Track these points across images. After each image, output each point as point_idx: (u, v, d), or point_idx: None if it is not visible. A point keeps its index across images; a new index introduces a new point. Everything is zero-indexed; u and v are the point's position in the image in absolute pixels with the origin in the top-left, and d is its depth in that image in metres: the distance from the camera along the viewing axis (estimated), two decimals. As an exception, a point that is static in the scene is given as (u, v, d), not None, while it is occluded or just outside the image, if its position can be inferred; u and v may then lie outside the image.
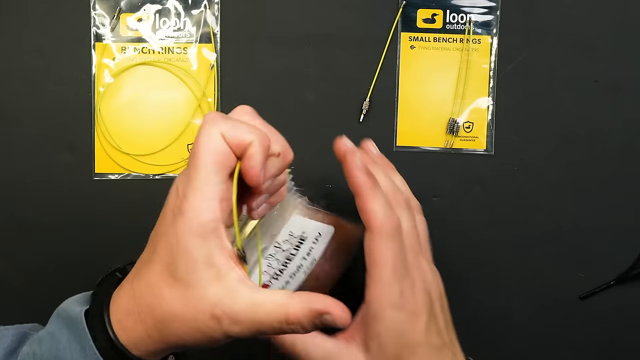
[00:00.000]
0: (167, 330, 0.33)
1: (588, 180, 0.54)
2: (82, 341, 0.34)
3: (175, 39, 0.54)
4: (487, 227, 0.54)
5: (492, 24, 0.54)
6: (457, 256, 0.54)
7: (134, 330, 0.34)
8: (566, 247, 0.54)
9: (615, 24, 0.54)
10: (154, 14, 0.54)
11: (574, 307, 0.54)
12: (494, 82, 0.54)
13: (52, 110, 0.54)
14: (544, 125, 0.54)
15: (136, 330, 0.34)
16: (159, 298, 0.33)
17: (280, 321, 0.33)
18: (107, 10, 0.54)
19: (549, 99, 0.54)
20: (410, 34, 0.54)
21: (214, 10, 0.54)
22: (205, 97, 0.54)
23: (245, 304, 0.32)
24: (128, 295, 0.35)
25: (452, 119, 0.54)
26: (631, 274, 0.53)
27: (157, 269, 0.33)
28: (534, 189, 0.54)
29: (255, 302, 0.33)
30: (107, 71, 0.54)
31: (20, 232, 0.54)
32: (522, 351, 0.54)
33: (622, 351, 0.54)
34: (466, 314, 0.54)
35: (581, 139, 0.54)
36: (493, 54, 0.54)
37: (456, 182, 0.54)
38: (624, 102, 0.54)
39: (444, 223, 0.54)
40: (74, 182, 0.54)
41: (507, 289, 0.54)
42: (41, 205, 0.54)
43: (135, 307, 0.34)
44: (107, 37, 0.54)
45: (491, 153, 0.54)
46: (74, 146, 0.54)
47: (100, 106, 0.54)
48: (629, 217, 0.54)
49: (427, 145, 0.54)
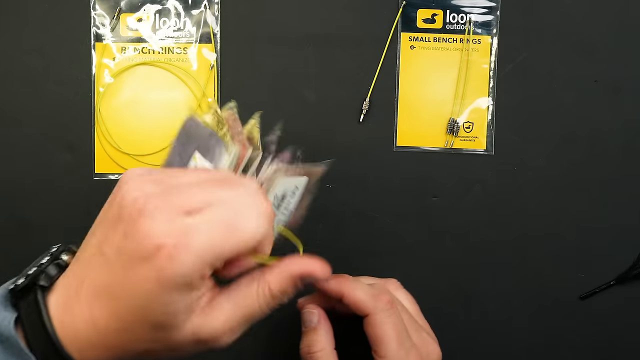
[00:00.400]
0: (138, 358, 0.32)
1: (588, 181, 0.54)
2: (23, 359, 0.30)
3: (175, 39, 0.54)
4: (487, 227, 0.54)
5: (492, 24, 0.54)
6: (457, 256, 0.55)
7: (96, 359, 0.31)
8: (566, 247, 0.54)
9: (615, 24, 0.54)
10: (154, 14, 0.54)
11: (574, 307, 0.54)
12: (494, 82, 0.54)
13: (52, 110, 0.54)
14: (544, 125, 0.54)
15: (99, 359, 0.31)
16: (130, 335, 0.31)
17: (266, 301, 0.33)
18: (107, 10, 0.54)
19: (549, 99, 0.54)
20: (410, 34, 0.54)
21: (214, 10, 0.54)
22: (205, 97, 0.54)
23: (226, 312, 0.32)
24: (83, 319, 0.31)
25: (452, 119, 0.54)
26: (631, 274, 0.53)
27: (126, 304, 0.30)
28: (534, 189, 0.54)
29: (235, 303, 0.33)
30: (107, 71, 0.54)
31: (20, 232, 0.54)
32: (523, 351, 0.54)
33: (622, 351, 0.54)
34: (466, 314, 0.54)
35: (581, 139, 0.54)
36: (493, 54, 0.54)
37: (456, 182, 0.54)
38: (624, 102, 0.54)
39: (444, 223, 0.54)
40: (74, 182, 0.54)
41: (507, 289, 0.54)
42: (41, 205, 0.54)
43: (98, 339, 0.31)
44: (107, 37, 0.54)
45: (491, 153, 0.54)
46: (74, 146, 0.54)
47: (100, 106, 0.54)
48: (629, 217, 0.54)
49: (427, 145, 0.54)
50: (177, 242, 0.29)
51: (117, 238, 0.30)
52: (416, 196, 0.54)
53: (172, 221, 0.29)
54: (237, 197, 0.31)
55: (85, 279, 0.31)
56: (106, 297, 0.30)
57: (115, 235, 0.30)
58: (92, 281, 0.31)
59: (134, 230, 0.29)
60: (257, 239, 0.31)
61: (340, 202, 0.54)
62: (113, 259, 0.30)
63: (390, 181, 0.54)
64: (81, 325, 0.31)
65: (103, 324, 0.31)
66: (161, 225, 0.29)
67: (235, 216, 0.31)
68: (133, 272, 0.29)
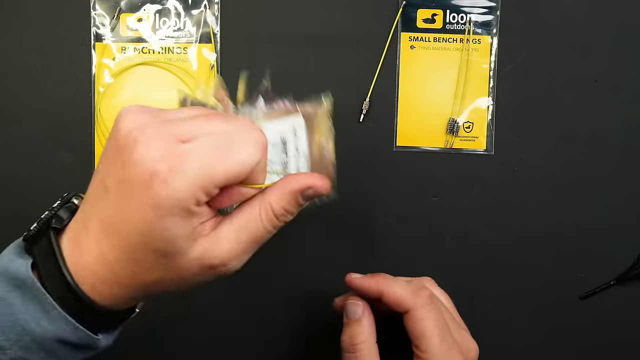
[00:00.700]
0: (151, 290, 0.33)
1: (588, 181, 0.54)
2: (41, 301, 0.31)
3: (175, 39, 0.54)
4: (487, 227, 0.54)
5: (492, 24, 0.54)
6: (457, 256, 0.55)
7: (110, 294, 0.32)
8: (566, 247, 0.54)
9: (615, 24, 0.54)
10: (154, 14, 0.54)
11: (574, 307, 0.54)
12: (494, 82, 0.54)
13: (52, 110, 0.54)
14: (544, 125, 0.54)
15: (112, 294, 0.32)
16: (137, 265, 0.31)
17: (270, 221, 0.34)
18: (107, 10, 0.54)
19: (549, 99, 0.54)
20: (410, 34, 0.54)
21: (214, 10, 0.54)
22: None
23: (231, 237, 0.33)
24: (93, 255, 0.32)
25: (452, 119, 0.54)
26: (631, 274, 0.53)
27: (129, 234, 0.31)
28: (534, 189, 0.54)
29: (239, 227, 0.33)
30: (107, 71, 0.54)
31: (19, 232, 0.54)
32: (523, 351, 0.54)
33: (622, 351, 0.54)
34: (466, 314, 0.54)
35: (581, 139, 0.54)
36: (493, 54, 0.54)
37: (456, 182, 0.54)
38: (624, 102, 0.54)
39: (444, 223, 0.54)
40: (74, 182, 0.54)
41: (507, 288, 0.54)
42: (41, 205, 0.54)
43: (109, 273, 0.32)
44: (107, 37, 0.54)
45: (491, 153, 0.54)
46: (74, 146, 0.54)
47: (100, 106, 0.54)
48: (629, 217, 0.54)
49: (427, 145, 0.54)
50: (171, 166, 0.30)
51: (117, 170, 0.31)
52: (416, 196, 0.54)
53: (166, 148, 0.30)
54: (232, 127, 0.32)
55: (92, 215, 0.32)
56: (111, 230, 0.31)
57: (115, 168, 0.31)
58: (99, 216, 0.32)
59: (131, 160, 0.30)
60: (250, 164, 0.32)
61: (340, 202, 0.54)
62: (114, 191, 0.31)
63: (390, 181, 0.54)
64: (91, 261, 0.32)
65: (111, 257, 0.31)
66: (155, 151, 0.30)
67: (229, 143, 0.31)
68: (132, 201, 0.30)
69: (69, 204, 0.35)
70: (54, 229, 0.33)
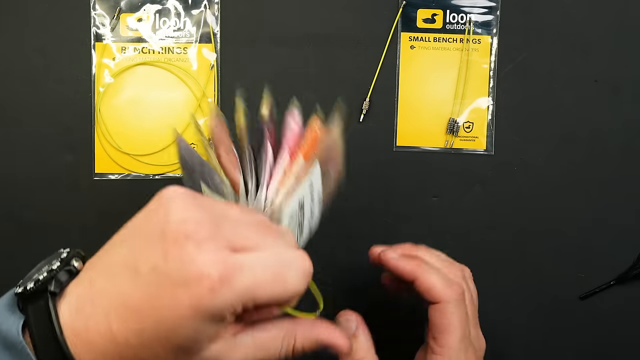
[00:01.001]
0: None
1: (588, 181, 0.54)
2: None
3: (175, 39, 0.54)
4: (487, 227, 0.54)
5: (492, 24, 0.54)
6: (457, 256, 0.54)
7: None
8: (566, 247, 0.54)
9: (615, 24, 0.54)
10: (154, 14, 0.54)
11: (574, 307, 0.54)
12: (494, 82, 0.54)
13: (52, 109, 0.54)
14: (544, 125, 0.54)
15: None
16: (149, 352, 0.30)
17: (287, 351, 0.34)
18: (107, 10, 0.54)
19: (549, 99, 0.54)
20: (410, 34, 0.54)
21: (214, 10, 0.54)
22: (205, 97, 0.54)
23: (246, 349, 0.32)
24: (99, 330, 0.30)
25: (452, 119, 0.54)
26: (631, 274, 0.53)
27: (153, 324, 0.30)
28: (534, 189, 0.54)
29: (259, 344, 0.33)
30: (107, 71, 0.54)
31: (19, 231, 0.54)
32: (522, 351, 0.54)
33: (622, 351, 0.54)
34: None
35: (581, 139, 0.54)
36: (493, 54, 0.54)
37: (456, 182, 0.54)
38: (624, 102, 0.54)
39: (444, 223, 0.54)
40: (74, 182, 0.54)
41: (507, 289, 0.54)
42: (41, 205, 0.54)
43: (115, 354, 0.30)
44: (107, 37, 0.54)
45: (491, 153, 0.54)
46: (74, 146, 0.54)
47: (100, 106, 0.54)
48: (629, 217, 0.54)
49: (427, 145, 0.54)
50: (222, 276, 0.29)
51: (154, 256, 0.30)
52: (416, 196, 0.54)
53: (219, 254, 0.29)
54: (281, 247, 0.32)
55: (104, 289, 0.31)
56: (131, 313, 0.30)
57: (153, 253, 0.30)
58: (115, 293, 0.30)
59: (178, 254, 0.29)
60: (295, 296, 0.32)
61: (340, 202, 0.54)
62: (146, 276, 0.30)
63: (390, 181, 0.54)
64: (96, 337, 0.30)
65: (122, 339, 0.30)
66: (208, 255, 0.29)
67: (282, 267, 0.31)
68: (167, 294, 0.29)
69: (69, 266, 0.33)
70: (52, 293, 0.31)
